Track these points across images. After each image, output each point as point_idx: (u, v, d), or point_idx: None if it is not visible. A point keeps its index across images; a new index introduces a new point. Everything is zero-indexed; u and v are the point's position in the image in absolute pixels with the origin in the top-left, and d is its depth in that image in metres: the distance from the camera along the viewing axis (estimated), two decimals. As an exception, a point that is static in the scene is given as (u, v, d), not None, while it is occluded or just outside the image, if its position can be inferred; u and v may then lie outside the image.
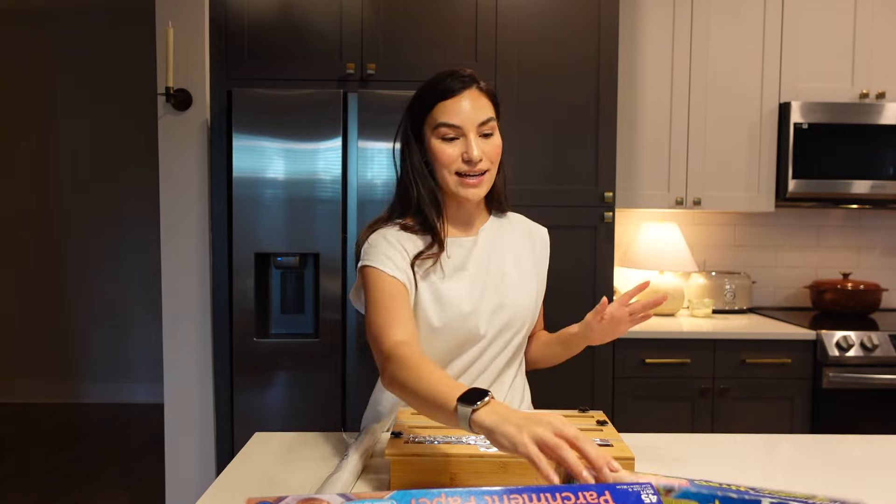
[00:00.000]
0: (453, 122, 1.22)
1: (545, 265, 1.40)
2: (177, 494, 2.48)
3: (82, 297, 4.46)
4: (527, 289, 1.32)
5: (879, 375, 2.46)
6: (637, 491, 0.74)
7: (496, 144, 1.26)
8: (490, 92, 1.28)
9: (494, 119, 1.26)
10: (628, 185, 2.73)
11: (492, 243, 1.33)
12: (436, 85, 1.25)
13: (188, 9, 2.38)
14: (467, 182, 1.24)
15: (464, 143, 1.23)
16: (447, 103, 1.23)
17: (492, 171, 1.26)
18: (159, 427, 2.67)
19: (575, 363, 2.43)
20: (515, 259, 1.34)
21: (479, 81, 1.27)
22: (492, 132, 1.25)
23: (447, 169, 1.23)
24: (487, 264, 1.30)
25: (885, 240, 3.12)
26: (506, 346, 1.30)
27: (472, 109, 1.22)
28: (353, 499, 0.75)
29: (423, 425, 1.09)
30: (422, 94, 1.27)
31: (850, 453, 1.24)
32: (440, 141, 1.23)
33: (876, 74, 2.76)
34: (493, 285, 1.29)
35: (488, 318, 1.27)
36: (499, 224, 1.37)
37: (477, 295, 1.27)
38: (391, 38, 2.38)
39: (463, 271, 1.28)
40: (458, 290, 1.26)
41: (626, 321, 1.23)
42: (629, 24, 2.70)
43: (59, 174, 4.42)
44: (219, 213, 2.40)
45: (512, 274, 1.32)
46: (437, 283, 1.25)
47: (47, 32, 4.34)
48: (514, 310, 1.29)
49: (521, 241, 1.37)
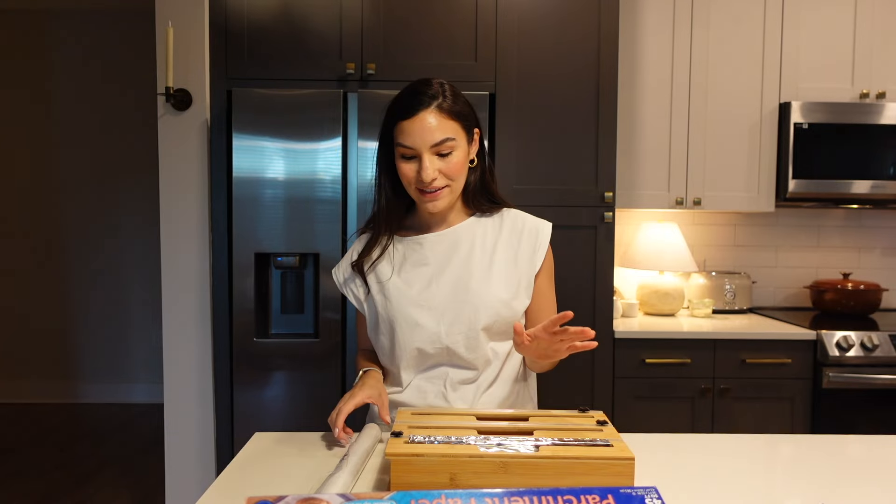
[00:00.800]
0: (407, 143, 1.25)
1: (535, 258, 1.36)
2: (177, 494, 2.48)
3: (82, 297, 4.46)
4: (495, 283, 1.31)
5: (879, 375, 2.46)
6: (641, 495, 0.73)
7: (455, 162, 1.27)
8: (452, 111, 1.26)
9: (453, 139, 1.26)
10: (628, 185, 2.73)
11: (459, 240, 1.35)
12: (398, 101, 1.28)
13: (188, 9, 2.38)
14: (425, 198, 1.28)
15: (419, 162, 1.26)
16: (404, 124, 1.25)
17: (452, 185, 1.29)
18: (159, 427, 2.68)
19: (575, 363, 2.44)
20: (487, 254, 1.34)
21: (444, 97, 1.26)
22: (449, 151, 1.26)
23: (407, 185, 1.29)
24: (449, 258, 1.33)
25: (885, 240, 3.12)
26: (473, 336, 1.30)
27: (427, 131, 1.24)
28: (352, 499, 0.75)
29: (424, 425, 1.09)
30: (389, 107, 1.30)
31: (850, 453, 1.24)
32: (401, 159, 1.28)
33: (876, 74, 2.76)
34: (452, 280, 1.31)
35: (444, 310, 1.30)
36: (476, 222, 1.38)
37: (434, 288, 1.31)
38: (391, 38, 2.38)
39: (424, 266, 1.33)
40: (411, 283, 1.32)
41: (556, 346, 1.15)
42: (629, 24, 2.70)
43: (59, 174, 4.42)
44: (219, 213, 2.40)
45: (479, 268, 1.32)
46: (392, 278, 1.34)
47: (46, 32, 4.34)
48: (477, 301, 1.29)
49: (504, 237, 1.36)
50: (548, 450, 0.99)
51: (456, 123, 1.27)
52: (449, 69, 2.37)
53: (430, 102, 1.25)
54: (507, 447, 0.99)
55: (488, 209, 1.39)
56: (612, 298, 2.47)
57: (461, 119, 1.28)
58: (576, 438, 1.04)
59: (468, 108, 1.31)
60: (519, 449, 0.99)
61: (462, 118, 1.29)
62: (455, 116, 1.27)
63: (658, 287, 2.84)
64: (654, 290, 2.83)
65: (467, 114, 1.30)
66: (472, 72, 2.39)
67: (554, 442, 1.02)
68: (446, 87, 1.29)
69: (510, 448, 0.99)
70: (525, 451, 0.99)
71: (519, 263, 1.35)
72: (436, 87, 1.27)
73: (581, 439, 1.03)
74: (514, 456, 0.97)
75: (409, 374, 1.34)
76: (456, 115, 1.27)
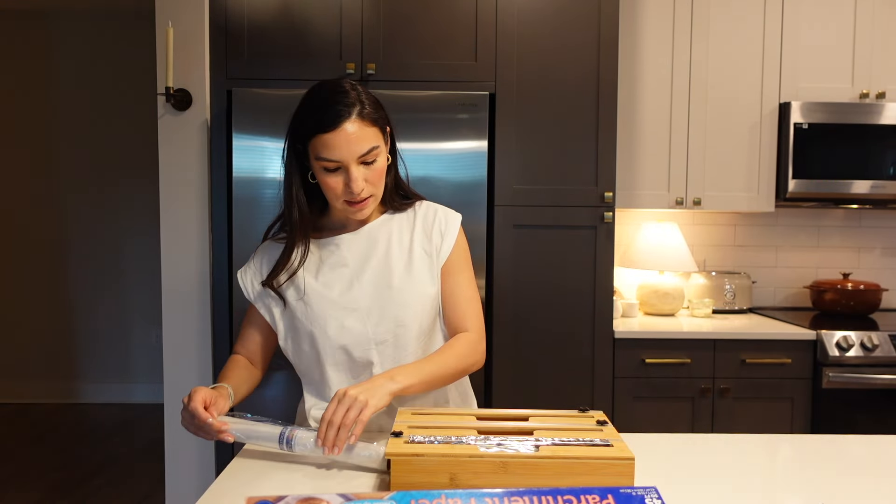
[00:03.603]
0: (332, 157, 1.20)
1: (444, 248, 1.34)
2: (177, 494, 2.48)
3: (82, 297, 4.46)
4: (417, 277, 1.30)
5: (879, 375, 2.46)
6: (641, 495, 0.73)
7: (378, 169, 1.24)
8: (372, 117, 1.22)
9: (377, 146, 1.22)
10: (628, 185, 2.73)
11: (376, 238, 1.32)
12: (314, 113, 1.20)
13: (188, 9, 2.38)
14: (354, 207, 1.25)
15: (346, 174, 1.21)
16: (327, 137, 1.19)
17: (376, 193, 1.27)
18: (159, 427, 2.68)
19: (575, 363, 2.44)
20: (404, 250, 1.32)
21: (362, 104, 1.21)
22: (374, 159, 1.23)
23: (334, 197, 1.25)
24: (368, 258, 1.30)
25: (885, 240, 3.12)
26: (402, 334, 1.29)
27: (353, 143, 1.19)
28: (352, 499, 0.75)
29: (423, 425, 1.09)
30: (302, 120, 1.23)
31: (850, 453, 1.24)
32: (323, 172, 1.22)
33: (876, 74, 2.76)
34: (373, 279, 1.29)
35: (369, 311, 1.27)
36: (390, 218, 1.35)
37: (356, 289, 1.28)
38: (391, 38, 2.38)
39: (343, 268, 1.30)
40: (331, 286, 1.28)
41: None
42: (629, 24, 2.70)
43: (59, 174, 4.42)
44: (219, 213, 2.40)
45: (399, 264, 1.30)
46: (309, 282, 1.29)
47: (47, 32, 4.34)
48: (404, 298, 1.28)
49: (418, 231, 1.34)
50: (548, 450, 0.99)
51: (376, 129, 1.23)
52: (449, 69, 2.37)
53: (350, 112, 1.19)
54: (506, 447, 1.00)
55: (400, 205, 1.36)
56: (612, 298, 2.47)
57: (379, 123, 1.24)
58: (576, 438, 1.04)
59: (381, 108, 1.27)
60: (519, 449, 0.99)
61: (380, 122, 1.25)
62: (374, 122, 1.23)
63: (658, 287, 2.84)
64: (654, 290, 2.83)
65: (383, 115, 1.26)
66: (472, 72, 2.39)
67: (554, 442, 1.02)
68: (360, 89, 1.24)
69: (510, 448, 0.99)
70: (525, 451, 0.99)
71: (432, 255, 1.33)
72: (352, 93, 1.22)
73: (581, 439, 1.03)
74: (514, 456, 0.97)
75: (337, 380, 1.29)
76: (375, 120, 1.23)
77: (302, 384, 1.37)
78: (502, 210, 2.41)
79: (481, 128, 2.32)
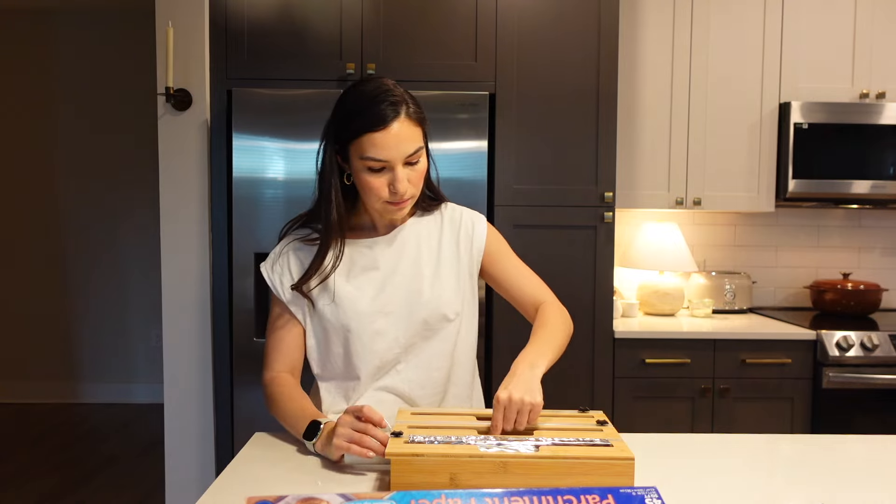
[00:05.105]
0: (380, 156, 1.17)
1: (475, 248, 1.34)
2: (177, 494, 2.48)
3: (82, 296, 4.46)
4: (445, 281, 1.30)
5: (879, 375, 2.46)
6: (641, 495, 0.73)
7: (420, 170, 1.23)
8: (418, 116, 1.20)
9: (422, 147, 1.21)
10: (628, 185, 2.73)
11: (406, 241, 1.31)
12: (365, 110, 1.17)
13: (188, 9, 2.38)
14: (394, 207, 1.23)
15: (391, 174, 1.19)
16: (376, 136, 1.16)
17: (416, 194, 1.25)
18: (159, 427, 2.68)
19: (575, 363, 2.44)
20: (433, 254, 1.32)
21: (408, 103, 1.19)
22: (418, 160, 1.22)
23: (375, 198, 1.22)
24: (398, 261, 1.30)
25: (885, 240, 3.12)
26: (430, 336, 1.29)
27: (403, 142, 1.17)
28: (353, 499, 0.75)
29: (424, 425, 1.09)
30: (351, 117, 1.19)
31: (850, 453, 1.24)
32: (367, 172, 1.19)
33: (876, 74, 2.76)
34: (404, 283, 1.28)
35: (399, 315, 1.27)
36: (418, 221, 1.35)
37: (388, 292, 1.27)
38: (391, 39, 2.38)
39: (374, 271, 1.29)
40: (363, 289, 1.27)
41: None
42: (629, 23, 2.70)
43: (59, 174, 4.42)
44: (219, 212, 2.40)
45: (428, 268, 1.30)
46: (340, 285, 1.27)
47: (47, 32, 4.34)
48: (434, 303, 1.28)
49: (446, 233, 1.34)
50: (548, 450, 0.99)
51: (421, 129, 1.21)
52: (449, 69, 2.37)
53: (398, 110, 1.17)
54: (507, 447, 1.00)
55: (428, 206, 1.36)
56: (612, 298, 2.47)
57: (423, 123, 1.22)
58: (576, 438, 1.04)
59: (421, 107, 1.24)
60: (519, 449, 0.99)
61: (424, 122, 1.23)
62: (420, 121, 1.21)
63: (658, 287, 2.84)
64: (654, 290, 2.83)
65: (424, 115, 1.24)
66: (472, 72, 2.39)
67: (554, 442, 1.02)
68: (402, 89, 1.21)
69: (510, 448, 0.99)
70: (525, 451, 0.99)
71: (461, 257, 1.33)
72: (397, 91, 1.19)
73: (581, 439, 1.03)
74: (514, 456, 0.97)
75: (365, 382, 1.29)
76: (420, 120, 1.21)
77: (317, 382, 1.36)
78: (502, 210, 2.41)
79: (481, 128, 2.33)
